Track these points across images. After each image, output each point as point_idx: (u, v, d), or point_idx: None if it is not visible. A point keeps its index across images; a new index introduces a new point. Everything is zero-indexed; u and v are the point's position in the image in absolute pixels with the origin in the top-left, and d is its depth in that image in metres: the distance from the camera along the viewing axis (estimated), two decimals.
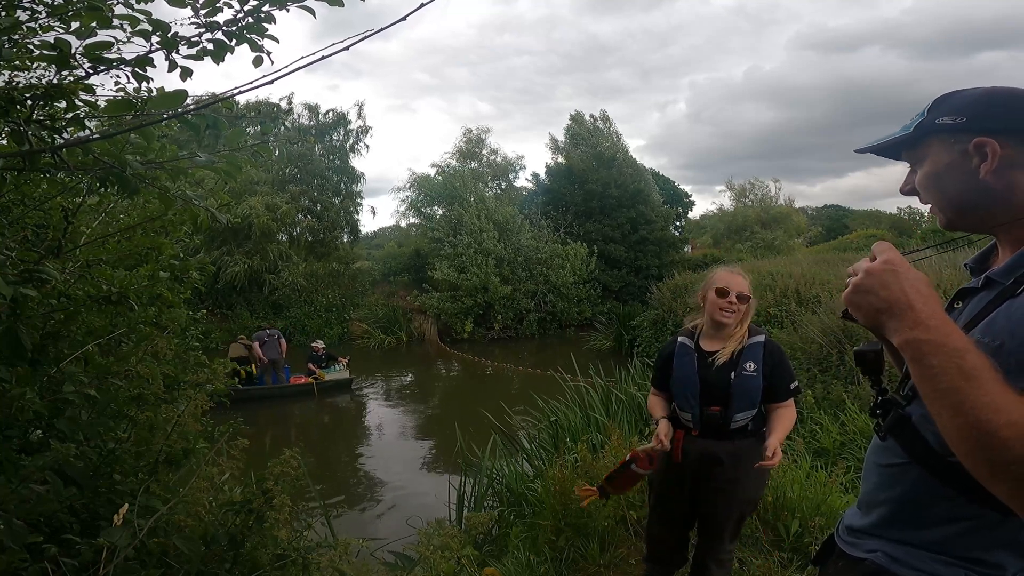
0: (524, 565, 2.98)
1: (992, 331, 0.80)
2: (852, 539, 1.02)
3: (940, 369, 0.71)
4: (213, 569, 1.76)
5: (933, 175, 0.93)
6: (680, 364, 2.24)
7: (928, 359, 0.73)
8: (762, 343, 2.18)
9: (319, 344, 12.34)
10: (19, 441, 1.71)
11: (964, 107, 0.89)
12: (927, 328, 0.74)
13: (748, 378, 2.12)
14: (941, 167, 0.91)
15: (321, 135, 21.09)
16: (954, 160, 0.89)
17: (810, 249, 25.70)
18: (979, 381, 0.69)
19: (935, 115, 0.91)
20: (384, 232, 32.94)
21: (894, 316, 0.78)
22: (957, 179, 0.90)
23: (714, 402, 2.15)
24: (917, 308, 0.76)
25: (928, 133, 0.92)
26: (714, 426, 2.15)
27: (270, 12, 1.34)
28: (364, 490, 7.43)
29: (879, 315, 0.80)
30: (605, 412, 5.33)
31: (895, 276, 0.79)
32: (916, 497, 0.92)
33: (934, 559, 0.89)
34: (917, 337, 0.74)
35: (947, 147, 0.90)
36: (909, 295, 0.77)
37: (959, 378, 0.69)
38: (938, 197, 0.94)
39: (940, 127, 0.90)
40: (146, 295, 2.02)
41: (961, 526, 0.87)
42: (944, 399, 0.71)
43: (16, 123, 1.24)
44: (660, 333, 12.57)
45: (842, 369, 6.36)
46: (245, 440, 2.37)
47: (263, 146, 1.47)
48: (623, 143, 23.53)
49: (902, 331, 0.77)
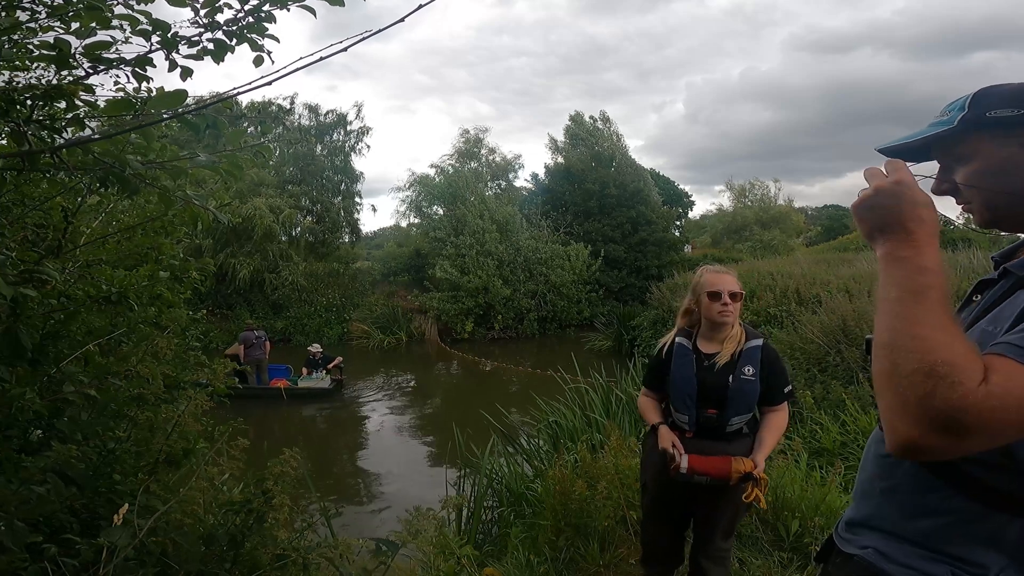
0: (524, 565, 2.98)
1: (997, 320, 0.81)
2: (848, 535, 1.03)
3: (896, 279, 0.75)
4: (213, 569, 1.76)
5: (987, 171, 0.89)
6: (678, 365, 2.23)
7: (893, 270, 0.77)
8: (760, 347, 2.18)
9: (316, 348, 12.14)
10: (19, 441, 1.71)
11: (1018, 99, 0.86)
12: (907, 246, 0.77)
13: (746, 382, 2.12)
14: (997, 162, 0.88)
15: (321, 135, 21.10)
16: (1013, 154, 0.86)
17: (810, 249, 25.70)
18: (923, 298, 0.72)
19: (982, 109, 0.88)
20: (384, 232, 32.96)
21: (883, 229, 0.80)
22: (1017, 174, 0.86)
23: (711, 405, 2.14)
24: (908, 228, 0.78)
25: (976, 127, 0.88)
26: (710, 428, 2.15)
27: (271, 12, 1.34)
28: (363, 490, 7.44)
29: (874, 232, 0.82)
30: (605, 412, 5.33)
31: (900, 197, 0.79)
32: (908, 487, 0.93)
33: (920, 555, 0.90)
34: (895, 252, 0.77)
35: (1001, 141, 0.87)
36: (905, 216, 0.78)
37: (907, 292, 0.73)
38: (990, 195, 0.90)
39: (993, 120, 0.87)
40: (146, 295, 2.02)
41: (946, 519, 0.88)
42: (886, 307, 0.75)
43: (16, 123, 1.24)
44: (660, 333, 12.48)
45: (842, 369, 6.36)
46: (245, 440, 2.38)
47: (264, 146, 1.47)
48: (623, 143, 23.55)
49: (885, 244, 0.79)
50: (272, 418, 10.07)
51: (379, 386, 13.29)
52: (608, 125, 23.61)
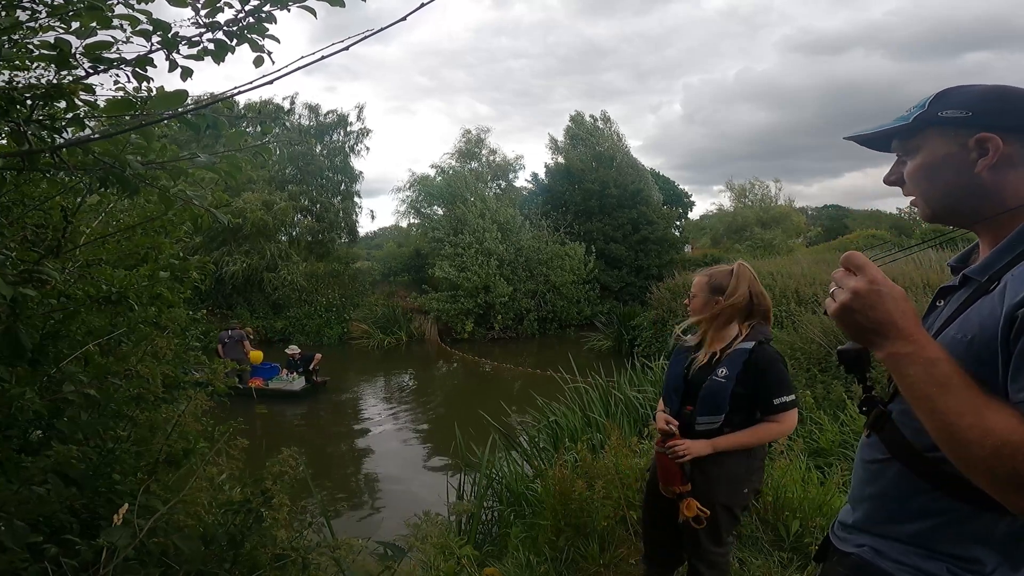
0: (524, 565, 2.98)
1: (964, 327, 0.84)
2: (843, 534, 1.06)
3: (916, 378, 0.79)
4: (213, 569, 1.76)
5: (926, 166, 0.94)
6: (673, 362, 2.30)
7: (906, 369, 0.80)
8: (748, 350, 2.09)
9: (293, 349, 11.96)
10: (19, 441, 1.71)
11: (970, 102, 0.89)
12: (906, 342, 0.81)
13: (715, 383, 2.08)
14: (936, 159, 0.92)
15: (321, 135, 21.09)
16: (952, 153, 0.90)
17: (810, 249, 25.69)
18: (948, 387, 0.76)
19: (938, 108, 0.92)
20: (384, 232, 32.94)
21: (879, 334, 0.83)
22: (951, 172, 0.91)
23: (690, 401, 2.16)
24: (900, 326, 0.81)
25: (928, 124, 0.93)
26: (686, 425, 2.16)
27: (271, 12, 1.34)
28: (363, 490, 7.44)
29: (866, 333, 0.85)
30: (604, 412, 5.33)
31: (880, 297, 0.83)
32: (896, 492, 0.95)
33: (916, 552, 0.92)
34: (898, 351, 0.81)
35: (947, 140, 0.91)
36: (893, 315, 0.82)
37: (931, 385, 0.77)
38: (926, 188, 0.95)
39: (943, 119, 0.91)
40: (146, 295, 2.01)
41: (936, 520, 0.90)
42: (921, 405, 0.79)
43: (16, 123, 1.24)
44: (660, 333, 12.57)
45: (842, 369, 6.35)
46: (244, 440, 2.37)
47: (264, 146, 1.47)
48: (624, 143, 23.53)
49: (886, 346, 0.83)
50: (272, 418, 10.07)
51: (379, 386, 13.29)
52: (609, 125, 23.60)
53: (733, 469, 2.14)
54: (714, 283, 2.19)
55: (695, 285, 2.26)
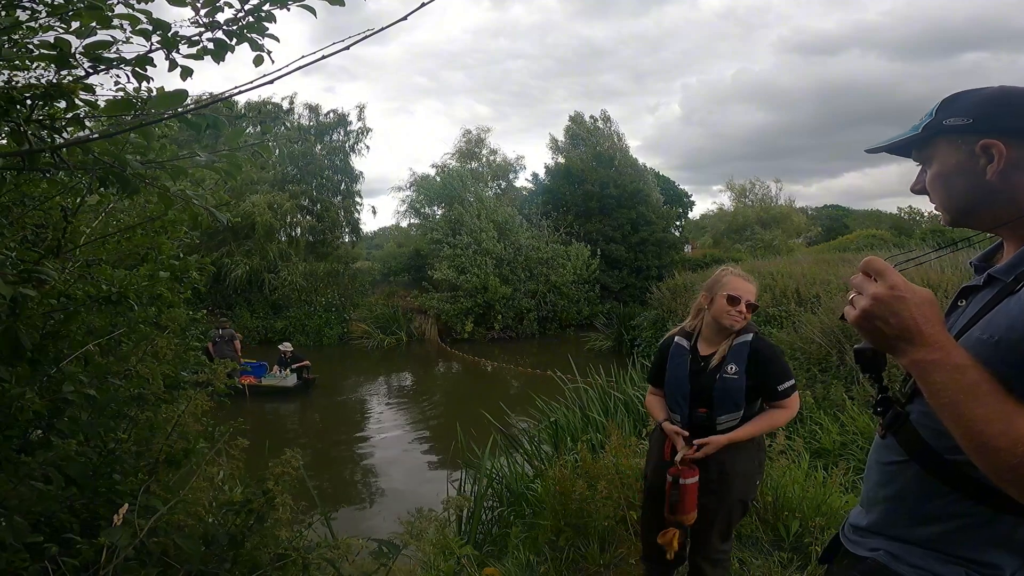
0: (524, 565, 2.98)
1: (990, 328, 0.82)
2: (856, 537, 1.03)
3: (942, 385, 0.77)
4: (213, 569, 1.76)
5: (940, 175, 0.94)
6: (673, 366, 2.26)
7: (932, 376, 0.78)
8: (748, 342, 2.16)
9: (286, 347, 12.24)
10: (19, 441, 1.71)
11: (971, 108, 0.89)
12: (932, 348, 0.78)
13: (729, 380, 2.12)
14: (948, 168, 0.92)
15: (321, 135, 21.07)
16: (961, 161, 0.90)
17: (810, 249, 25.68)
18: (976, 395, 0.74)
19: (943, 116, 0.92)
20: (384, 232, 32.94)
21: (903, 340, 0.81)
22: (963, 180, 0.90)
23: (702, 404, 2.16)
24: (925, 332, 0.79)
25: (936, 134, 0.93)
26: (702, 428, 2.16)
27: (271, 11, 1.34)
28: (363, 489, 7.44)
29: (889, 340, 0.83)
30: (604, 412, 5.33)
31: (903, 303, 0.81)
32: (913, 494, 0.93)
33: (934, 556, 0.90)
34: (924, 358, 0.79)
35: (954, 148, 0.91)
36: (918, 321, 0.80)
37: (959, 393, 0.75)
38: (944, 197, 0.95)
39: (947, 128, 0.91)
40: (146, 295, 2.01)
41: (955, 523, 0.88)
42: (947, 412, 0.77)
43: (16, 123, 1.24)
44: (660, 333, 12.54)
45: (842, 369, 6.36)
46: (245, 440, 2.37)
47: (263, 146, 1.47)
48: (624, 144, 23.53)
49: (910, 353, 0.80)
50: (272, 418, 10.07)
51: (379, 386, 13.29)
52: (608, 125, 23.62)
53: (747, 464, 2.19)
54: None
55: (756, 296, 2.22)
